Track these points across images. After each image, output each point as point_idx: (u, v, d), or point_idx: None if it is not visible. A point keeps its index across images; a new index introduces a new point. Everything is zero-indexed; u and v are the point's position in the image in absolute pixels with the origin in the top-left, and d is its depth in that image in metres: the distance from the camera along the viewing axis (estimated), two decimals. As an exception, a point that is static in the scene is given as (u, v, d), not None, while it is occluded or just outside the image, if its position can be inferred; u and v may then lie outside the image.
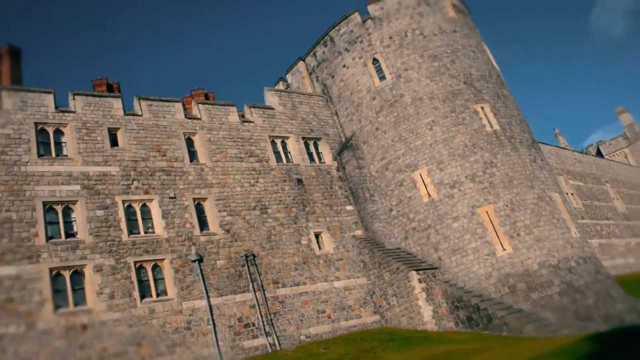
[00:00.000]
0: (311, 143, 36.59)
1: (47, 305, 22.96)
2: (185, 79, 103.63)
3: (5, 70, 31.38)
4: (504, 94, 37.00)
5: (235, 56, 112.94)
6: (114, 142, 29.00)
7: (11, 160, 25.68)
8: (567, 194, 51.63)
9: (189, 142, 31.44)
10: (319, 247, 31.99)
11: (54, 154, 27.05)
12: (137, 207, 27.69)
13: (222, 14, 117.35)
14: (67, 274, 24.26)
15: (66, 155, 27.29)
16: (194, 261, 27.19)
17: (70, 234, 25.42)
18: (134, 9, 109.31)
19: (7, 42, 32.33)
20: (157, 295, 25.80)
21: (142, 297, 25.26)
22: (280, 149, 34.79)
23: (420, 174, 33.60)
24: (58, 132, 27.85)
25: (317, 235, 32.40)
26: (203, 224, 29.05)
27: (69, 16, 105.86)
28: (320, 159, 36.36)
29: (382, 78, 36.73)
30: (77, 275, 24.55)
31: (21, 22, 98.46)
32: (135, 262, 25.84)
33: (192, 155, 31.10)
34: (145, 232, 27.20)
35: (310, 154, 35.96)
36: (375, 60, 37.32)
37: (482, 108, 34.73)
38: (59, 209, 25.71)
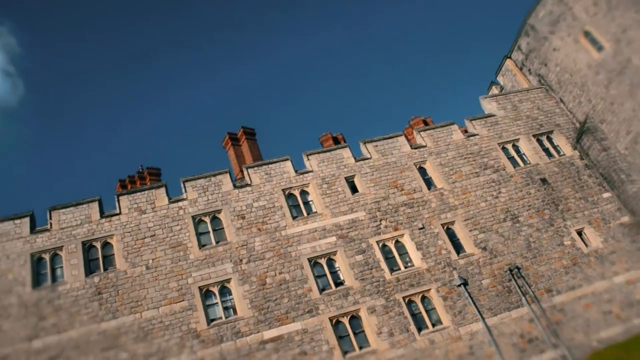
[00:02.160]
0: (544, 138, 34.40)
1: (336, 353, 24.44)
2: (398, 111, 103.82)
3: (246, 150, 35.01)
4: None
5: (438, 76, 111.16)
6: (353, 189, 30.45)
7: (272, 227, 28.26)
8: None
9: (422, 171, 31.75)
10: (586, 245, 29.51)
11: (305, 213, 29.20)
12: (391, 245, 28.44)
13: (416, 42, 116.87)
14: (345, 320, 25.69)
15: (316, 212, 29.24)
16: (459, 285, 26.88)
17: (338, 282, 26.96)
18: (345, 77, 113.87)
19: (241, 125, 36.11)
20: (433, 325, 25.93)
21: (419, 329, 25.58)
22: (513, 153, 33.31)
23: (679, 137, 29.71)
24: (304, 193, 30.05)
25: (579, 233, 29.99)
26: (458, 247, 28.75)
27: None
28: (558, 152, 33.94)
29: (600, 49, 33.57)
30: (355, 319, 25.85)
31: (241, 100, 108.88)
32: (404, 298, 26.42)
33: (428, 182, 31.26)
34: (405, 267, 27.73)
35: (546, 150, 33.80)
36: (586, 33, 34.31)
37: None
38: (323, 261, 27.49)
